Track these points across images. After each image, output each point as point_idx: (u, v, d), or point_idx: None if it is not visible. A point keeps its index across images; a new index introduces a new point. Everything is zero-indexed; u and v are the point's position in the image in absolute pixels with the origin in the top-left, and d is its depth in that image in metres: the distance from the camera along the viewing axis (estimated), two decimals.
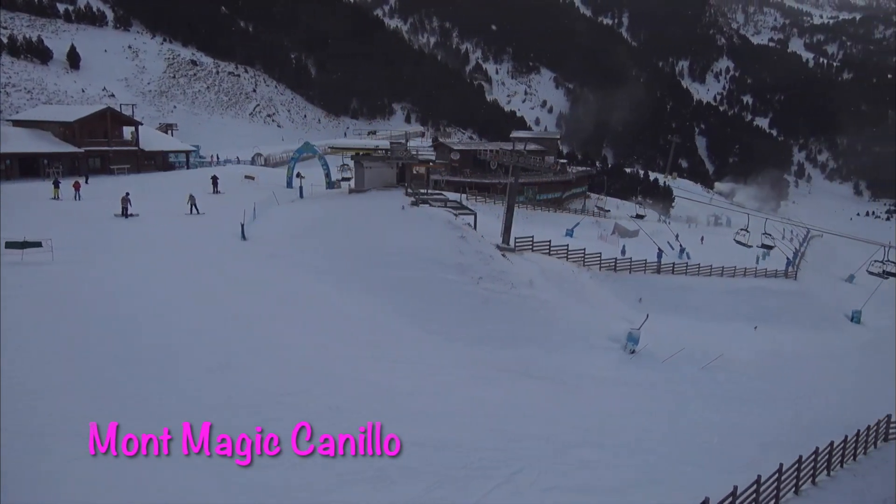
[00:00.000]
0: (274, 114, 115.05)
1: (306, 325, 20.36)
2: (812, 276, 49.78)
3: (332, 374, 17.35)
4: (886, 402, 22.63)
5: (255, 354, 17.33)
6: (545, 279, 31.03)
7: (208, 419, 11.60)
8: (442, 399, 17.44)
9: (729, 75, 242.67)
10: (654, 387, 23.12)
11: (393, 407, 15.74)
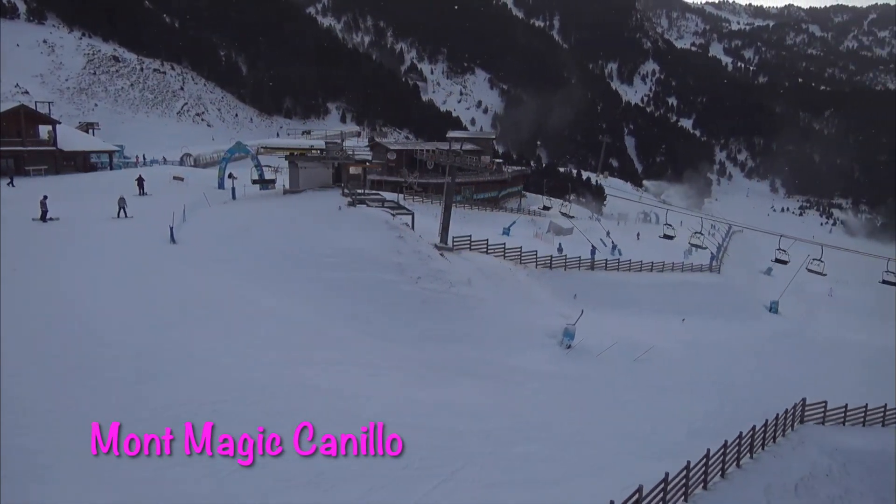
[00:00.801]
0: (203, 113, 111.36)
1: (239, 331, 19.80)
2: (734, 270, 52.38)
3: (268, 378, 16.96)
4: (802, 386, 24.08)
5: (183, 363, 16.71)
6: (483, 277, 31.38)
7: (136, 430, 11.21)
8: (381, 400, 17.35)
9: (655, 78, 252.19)
10: (589, 380, 23.78)
11: (331, 410, 15.56)
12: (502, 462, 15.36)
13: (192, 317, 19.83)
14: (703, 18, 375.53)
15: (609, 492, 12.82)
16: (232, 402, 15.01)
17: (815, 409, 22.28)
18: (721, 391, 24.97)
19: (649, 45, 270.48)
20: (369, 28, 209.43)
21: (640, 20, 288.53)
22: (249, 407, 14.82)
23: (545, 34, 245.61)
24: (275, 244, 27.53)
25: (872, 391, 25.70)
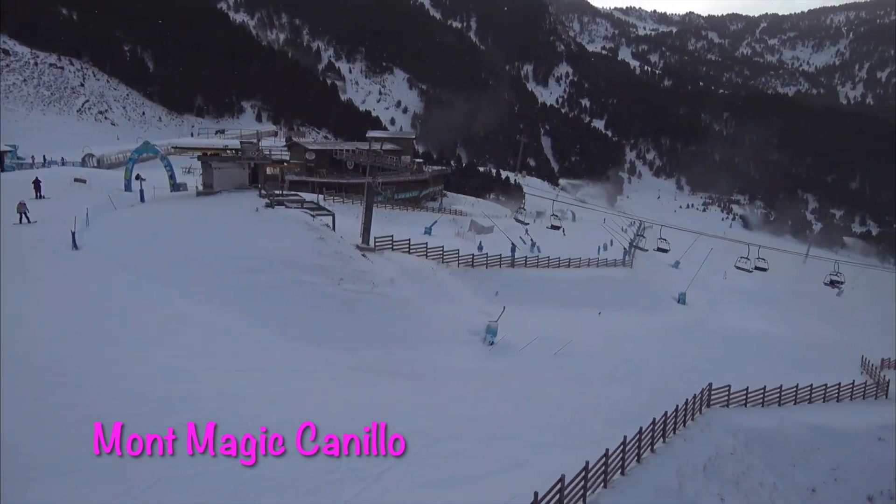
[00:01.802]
0: (107, 111, 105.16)
1: (153, 339, 18.88)
2: (645, 264, 54.89)
3: (187, 388, 16.30)
4: (709, 372, 25.59)
5: (90, 374, 15.80)
6: (406, 277, 31.41)
7: (43, 446, 10.52)
8: (305, 405, 17.04)
9: (568, 80, 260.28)
10: (512, 375, 24.29)
11: (254, 417, 15.14)
12: (430, 460, 15.45)
13: (100, 327, 18.71)
14: (612, 23, 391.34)
15: (534, 483, 13.18)
16: (149, 414, 14.32)
17: (720, 393, 23.74)
18: (636, 380, 26.14)
19: (563, 48, 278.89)
20: (284, 25, 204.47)
21: (554, 24, 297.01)
22: (169, 417, 14.18)
23: (463, 35, 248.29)
24: (189, 248, 26.39)
25: (769, 374, 27.67)
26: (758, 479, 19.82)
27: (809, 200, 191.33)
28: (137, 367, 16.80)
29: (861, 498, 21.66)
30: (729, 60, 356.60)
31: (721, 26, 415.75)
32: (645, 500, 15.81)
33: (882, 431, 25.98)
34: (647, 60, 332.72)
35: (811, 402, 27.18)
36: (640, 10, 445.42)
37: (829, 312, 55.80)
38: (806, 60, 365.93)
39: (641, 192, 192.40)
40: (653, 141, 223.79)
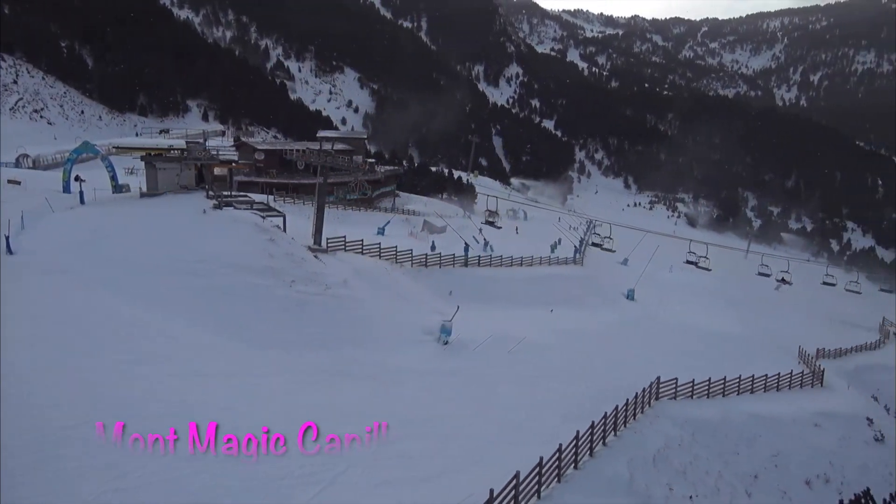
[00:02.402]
0: (42, 109, 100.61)
1: (94, 347, 18.19)
2: (595, 262, 56.08)
3: (132, 397, 15.78)
4: (658, 366, 26.31)
5: (30, 384, 15.12)
6: (359, 278, 31.21)
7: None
8: (258, 409, 16.75)
9: (519, 80, 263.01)
10: (467, 374, 24.45)
11: (203, 423, 14.78)
12: (386, 461, 15.41)
13: (41, 333, 17.92)
14: (561, 25, 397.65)
15: (490, 480, 13.30)
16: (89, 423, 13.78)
17: (667, 386, 24.47)
18: (588, 375, 26.67)
19: (513, 49, 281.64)
20: (231, 23, 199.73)
21: (504, 25, 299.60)
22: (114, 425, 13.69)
23: (413, 35, 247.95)
24: (134, 252, 25.54)
25: (714, 366, 28.63)
26: (704, 467, 20.51)
27: (749, 199, 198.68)
28: (81, 375, 16.17)
29: (799, 482, 22.68)
30: (672, 63, 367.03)
31: (665, 29, 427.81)
32: (597, 492, 16.16)
33: (818, 418, 27.29)
34: (594, 62, 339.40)
35: (753, 392, 28.31)
36: (588, 12, 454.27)
37: (767, 305, 58.25)
38: (744, 64, 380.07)
39: (591, 191, 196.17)
40: (601, 141, 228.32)
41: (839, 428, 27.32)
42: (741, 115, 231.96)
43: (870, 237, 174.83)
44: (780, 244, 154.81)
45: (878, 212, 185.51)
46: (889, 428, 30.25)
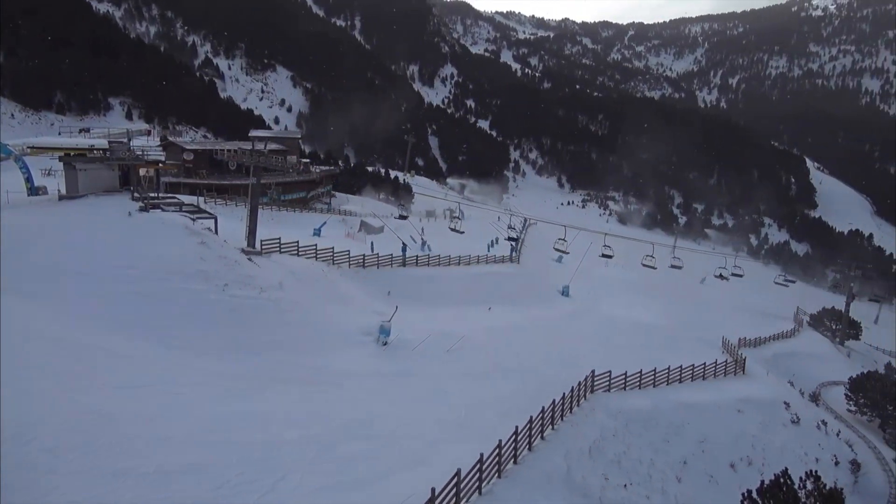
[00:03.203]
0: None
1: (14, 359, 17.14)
2: (531, 259, 57.14)
3: (56, 410, 14.94)
4: (592, 359, 27.07)
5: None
6: (296, 280, 30.67)
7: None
8: (191, 419, 16.22)
9: (454, 81, 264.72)
10: (407, 374, 24.45)
11: (132, 438, 14.22)
12: (326, 466, 15.22)
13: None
14: (494, 26, 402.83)
15: (431, 480, 13.36)
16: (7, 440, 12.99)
17: (601, 379, 25.23)
18: (526, 371, 27.15)
19: (447, 49, 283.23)
20: (155, 17, 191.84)
21: (438, 25, 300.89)
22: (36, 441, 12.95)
23: (347, 34, 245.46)
24: (53, 257, 24.20)
25: (646, 358, 29.71)
26: (637, 456, 21.28)
27: (675, 196, 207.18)
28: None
29: (725, 466, 23.88)
30: (602, 65, 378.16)
31: (594, 32, 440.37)
32: (536, 486, 16.50)
33: (741, 404, 28.80)
34: (527, 63, 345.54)
35: (681, 381, 29.56)
36: (520, 14, 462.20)
37: (693, 298, 60.93)
38: (669, 67, 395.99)
39: (525, 190, 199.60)
40: (535, 141, 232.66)
41: (760, 413, 28.91)
42: (666, 116, 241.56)
43: (784, 232, 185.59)
44: (705, 240, 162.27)
45: (792, 208, 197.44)
46: (804, 411, 32.28)
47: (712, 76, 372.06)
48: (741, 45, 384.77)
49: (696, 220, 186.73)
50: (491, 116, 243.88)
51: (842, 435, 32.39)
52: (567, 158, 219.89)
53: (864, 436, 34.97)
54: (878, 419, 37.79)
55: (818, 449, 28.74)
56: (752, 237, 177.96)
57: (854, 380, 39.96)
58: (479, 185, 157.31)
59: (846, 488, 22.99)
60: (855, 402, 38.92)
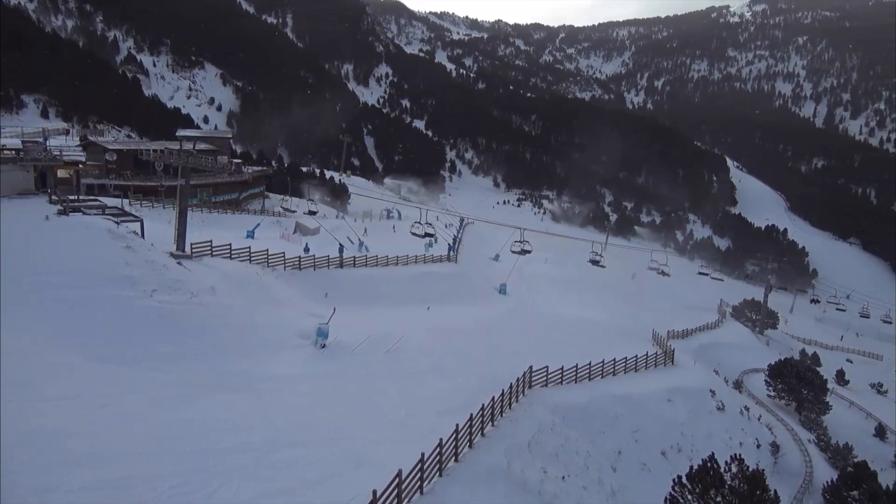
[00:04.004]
0: None
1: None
2: (468, 258, 57.59)
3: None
4: (531, 356, 27.55)
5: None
6: (229, 284, 29.83)
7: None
8: (119, 432, 15.52)
9: (389, 80, 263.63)
10: (346, 376, 24.18)
11: (55, 454, 13.48)
12: (264, 472, 14.90)
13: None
14: (428, 27, 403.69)
15: (372, 481, 13.30)
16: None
17: (539, 374, 25.75)
18: (466, 369, 27.33)
19: (382, 48, 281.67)
20: (72, 11, 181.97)
21: (372, 24, 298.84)
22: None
23: (279, 31, 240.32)
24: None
25: (582, 352, 30.50)
26: (574, 448, 21.84)
27: (606, 195, 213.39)
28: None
29: (656, 453, 24.84)
30: (534, 66, 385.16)
31: (526, 34, 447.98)
32: (477, 482, 16.68)
33: (670, 394, 30.01)
34: (461, 64, 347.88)
35: (615, 374, 30.54)
36: (454, 15, 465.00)
37: (625, 293, 62.95)
38: (598, 69, 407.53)
39: (462, 190, 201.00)
40: (470, 141, 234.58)
41: (688, 401, 30.22)
42: (597, 117, 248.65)
43: (708, 228, 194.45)
44: (634, 236, 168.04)
45: (714, 205, 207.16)
46: (728, 398, 33.95)
47: (639, 78, 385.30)
48: (666, 48, 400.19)
49: (626, 217, 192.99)
50: (427, 116, 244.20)
51: (762, 419, 34.26)
52: (502, 158, 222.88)
53: (782, 419, 37.10)
54: (794, 403, 40.16)
55: (741, 433, 30.29)
56: (679, 233, 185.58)
57: (772, 367, 42.29)
58: (416, 184, 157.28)
59: (767, 469, 24.36)
60: (774, 388, 41.20)
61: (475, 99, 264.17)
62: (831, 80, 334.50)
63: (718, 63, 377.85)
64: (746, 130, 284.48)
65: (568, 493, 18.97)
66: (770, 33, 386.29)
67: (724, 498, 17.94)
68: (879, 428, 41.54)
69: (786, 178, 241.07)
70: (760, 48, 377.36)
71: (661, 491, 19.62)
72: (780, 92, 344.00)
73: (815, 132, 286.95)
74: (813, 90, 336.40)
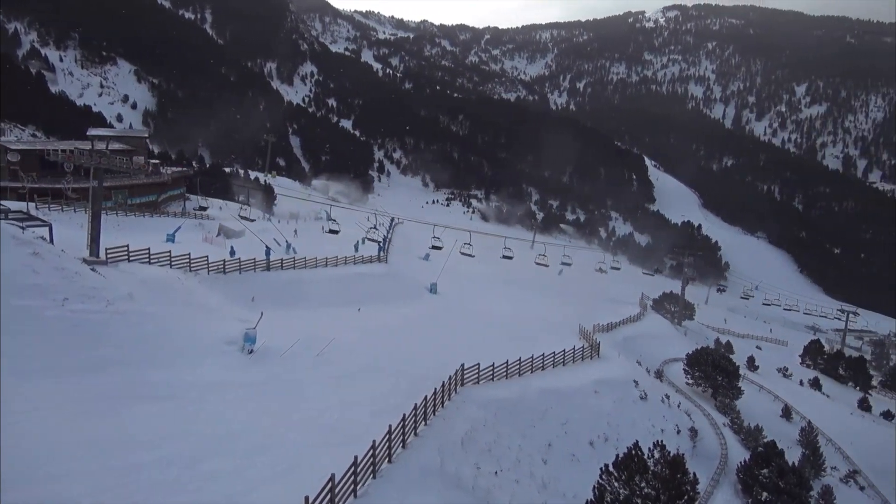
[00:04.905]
0: None
1: None
2: (398, 258, 57.57)
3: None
4: (462, 354, 27.82)
5: None
6: (148, 290, 28.54)
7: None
8: (28, 451, 14.57)
9: (314, 79, 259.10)
10: (275, 381, 23.64)
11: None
12: (188, 486, 14.38)
13: None
14: (354, 25, 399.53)
15: (304, 488, 13.09)
16: None
17: (471, 372, 26.06)
18: (398, 370, 27.27)
19: (306, 47, 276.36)
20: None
21: (296, 22, 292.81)
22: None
23: (197, 27, 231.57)
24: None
25: (513, 348, 31.09)
26: (506, 443, 22.24)
27: (533, 193, 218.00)
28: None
29: (585, 444, 25.64)
30: (461, 67, 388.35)
31: (452, 35, 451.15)
32: (411, 483, 16.71)
33: (597, 386, 31.06)
34: (388, 63, 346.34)
35: (545, 369, 31.31)
36: (379, 14, 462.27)
37: (553, 289, 64.58)
38: (523, 70, 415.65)
39: (391, 190, 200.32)
40: (398, 141, 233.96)
41: (613, 392, 31.36)
42: (522, 117, 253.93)
43: (629, 225, 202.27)
44: (560, 234, 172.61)
45: (635, 202, 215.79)
46: (650, 387, 35.46)
47: (562, 80, 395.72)
48: (587, 51, 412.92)
49: (552, 215, 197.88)
50: (354, 116, 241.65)
51: (682, 406, 35.98)
52: (430, 158, 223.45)
53: (699, 405, 39.08)
54: (710, 389, 42.37)
55: (663, 420, 31.70)
56: (602, 230, 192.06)
57: (690, 355, 44.46)
58: (345, 185, 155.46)
59: (687, 453, 25.60)
60: (691, 376, 43.32)
61: (403, 99, 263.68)
62: (738, 84, 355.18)
63: (636, 66, 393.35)
64: (662, 131, 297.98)
65: (501, 487, 19.30)
66: (682, 38, 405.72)
67: (648, 483, 18.73)
68: (786, 409, 44.45)
69: (699, 176, 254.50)
70: (674, 52, 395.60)
71: (590, 480, 20.27)
72: (693, 94, 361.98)
73: (725, 133, 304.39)
74: (722, 93, 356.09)
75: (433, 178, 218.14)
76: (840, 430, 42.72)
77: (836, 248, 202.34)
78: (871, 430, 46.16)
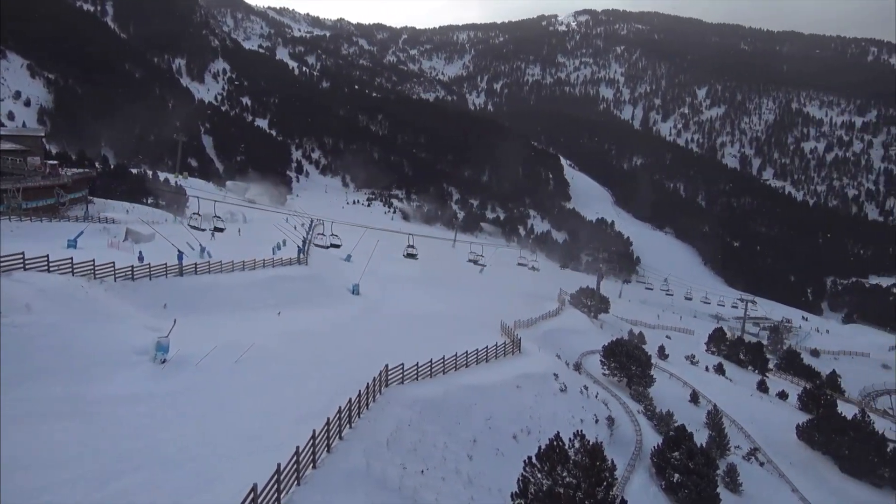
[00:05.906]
0: None
1: None
2: (319, 260, 56.62)
3: None
4: (386, 354, 27.71)
5: None
6: (48, 301, 26.70)
7: None
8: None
9: (226, 77, 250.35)
10: (191, 391, 22.73)
11: None
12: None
13: None
14: (268, 22, 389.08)
15: (226, 500, 12.70)
16: None
17: (395, 372, 26.03)
18: (321, 373, 26.87)
19: (217, 43, 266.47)
20: None
21: (206, 17, 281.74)
22: None
23: (97, 20, 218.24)
24: None
25: (436, 347, 31.24)
26: (432, 442, 22.38)
27: (453, 193, 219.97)
28: None
29: (508, 438, 26.18)
30: (379, 66, 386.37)
31: (369, 34, 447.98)
32: (337, 487, 16.54)
33: (519, 380, 31.78)
34: (304, 62, 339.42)
35: (468, 366, 31.71)
36: (294, 11, 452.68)
37: (475, 287, 65.52)
38: (441, 71, 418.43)
39: (310, 190, 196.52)
40: (317, 140, 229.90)
41: (535, 386, 32.19)
42: (441, 117, 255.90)
43: (547, 223, 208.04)
44: (481, 232, 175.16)
45: (552, 201, 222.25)
46: (569, 379, 36.66)
47: (479, 81, 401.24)
48: (503, 53, 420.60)
49: (473, 214, 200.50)
50: (269, 115, 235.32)
51: (599, 396, 37.41)
52: (350, 158, 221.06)
53: (615, 394, 40.77)
54: (625, 378, 44.30)
55: (582, 411, 32.85)
56: (521, 228, 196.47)
57: (606, 347, 46.30)
58: (262, 186, 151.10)
59: (605, 441, 26.67)
60: (608, 367, 45.13)
61: (320, 98, 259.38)
62: (645, 87, 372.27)
63: (550, 68, 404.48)
64: (576, 131, 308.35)
65: (427, 485, 19.41)
66: (593, 42, 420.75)
67: (569, 472, 19.35)
68: (693, 394, 47.14)
69: (611, 175, 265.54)
70: (585, 56, 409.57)
71: (515, 473, 20.72)
72: (604, 96, 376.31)
73: (634, 133, 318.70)
74: (631, 95, 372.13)
75: (353, 178, 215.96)
76: (742, 411, 45.72)
77: (735, 241, 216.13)
78: (769, 410, 49.74)
